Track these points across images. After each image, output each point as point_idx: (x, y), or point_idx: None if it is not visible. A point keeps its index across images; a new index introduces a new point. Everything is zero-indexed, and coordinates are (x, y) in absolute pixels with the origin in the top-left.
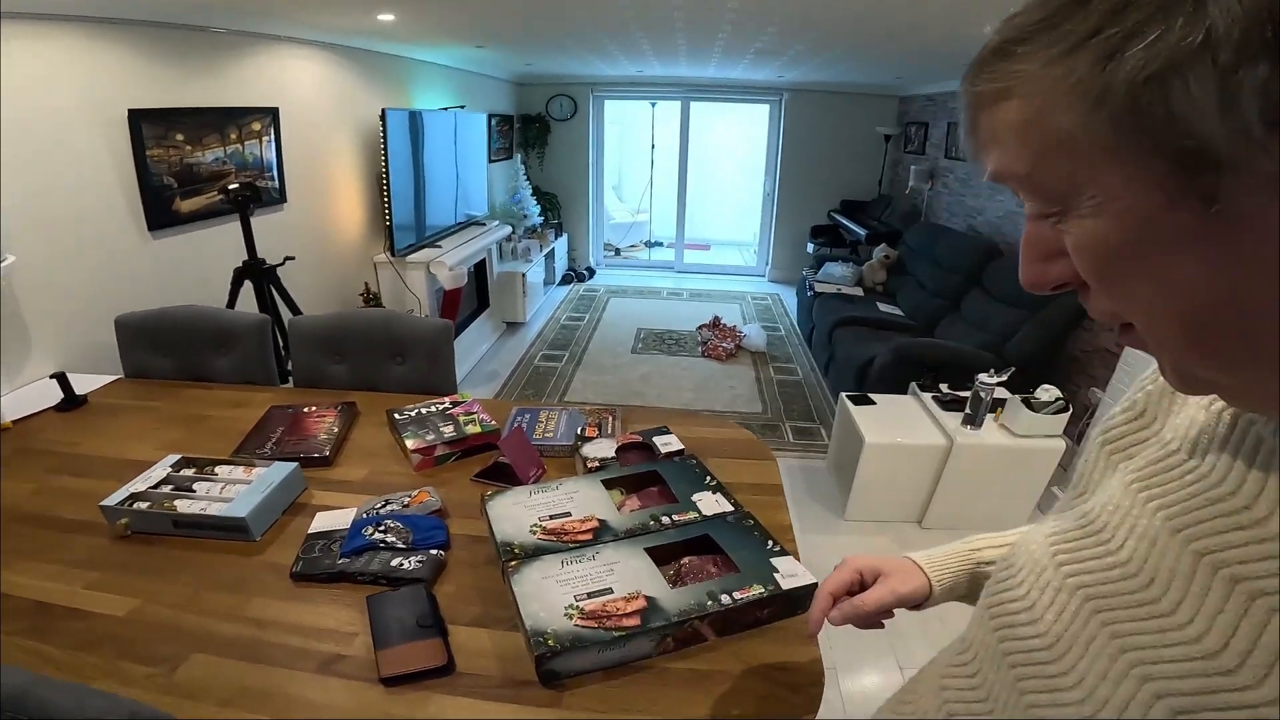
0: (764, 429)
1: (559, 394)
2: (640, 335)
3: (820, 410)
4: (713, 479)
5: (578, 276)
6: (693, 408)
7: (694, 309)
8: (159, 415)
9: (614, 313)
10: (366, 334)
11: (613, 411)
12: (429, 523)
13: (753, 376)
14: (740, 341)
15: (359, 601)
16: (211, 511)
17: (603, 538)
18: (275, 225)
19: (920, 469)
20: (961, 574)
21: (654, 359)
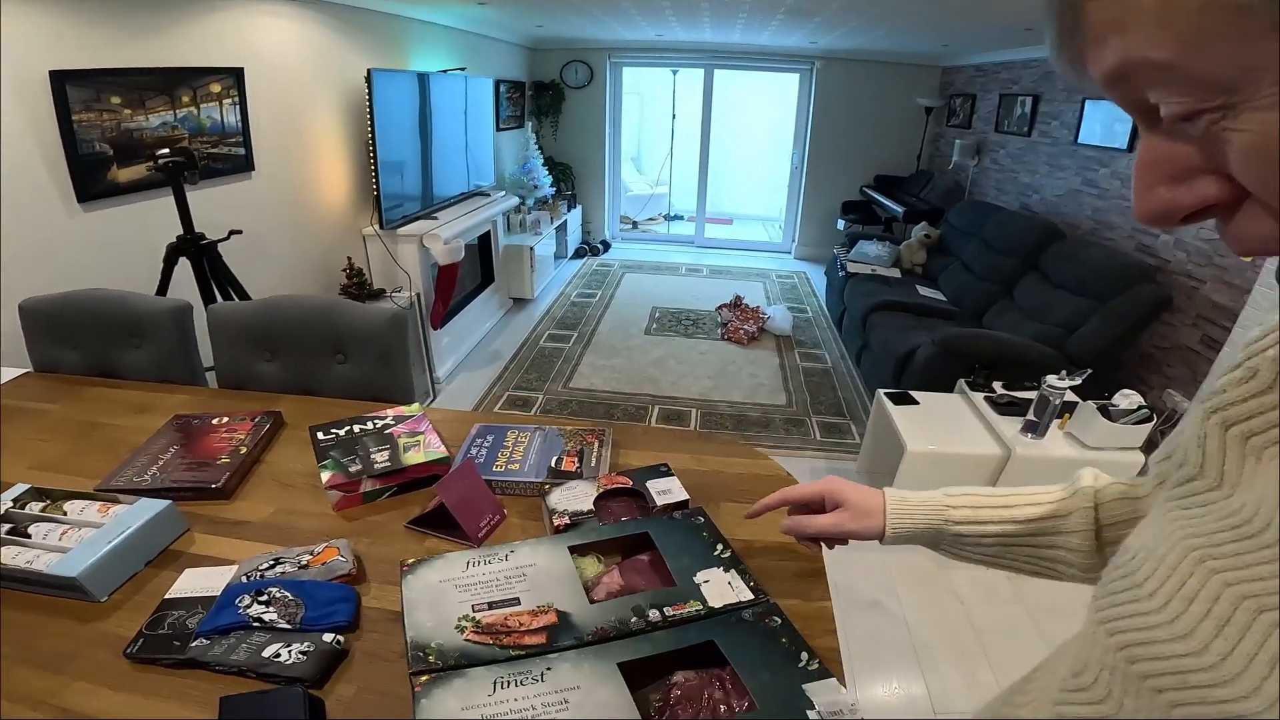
0: (788, 424)
1: (564, 379)
2: (655, 315)
3: (851, 404)
4: (725, 548)
5: (592, 250)
6: (710, 397)
7: (714, 286)
8: (49, 422)
9: (628, 290)
10: (301, 325)
11: (600, 435)
12: (330, 594)
13: (776, 363)
14: (763, 324)
15: (214, 700)
16: (38, 566)
17: (560, 641)
18: (241, 194)
19: (969, 481)
20: (925, 528)
21: (669, 341)
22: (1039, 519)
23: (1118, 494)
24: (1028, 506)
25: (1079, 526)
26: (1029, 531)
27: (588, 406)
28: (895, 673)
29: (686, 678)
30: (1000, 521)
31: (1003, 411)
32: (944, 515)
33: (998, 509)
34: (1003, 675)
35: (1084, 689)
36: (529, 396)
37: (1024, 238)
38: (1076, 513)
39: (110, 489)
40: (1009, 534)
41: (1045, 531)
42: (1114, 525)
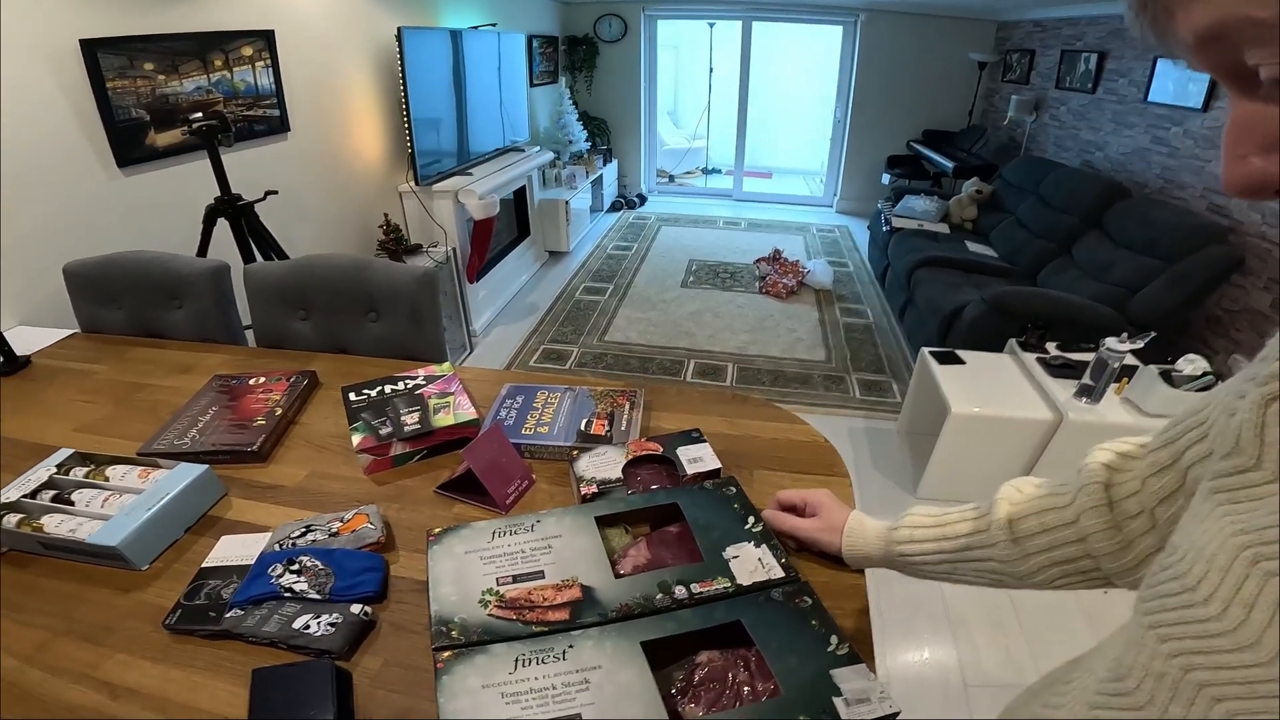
0: (827, 380)
1: (600, 332)
2: (692, 268)
3: (893, 361)
4: (757, 521)
5: (628, 204)
6: (746, 352)
7: (752, 240)
8: (94, 383)
9: (665, 242)
10: (333, 285)
11: (632, 396)
12: (359, 563)
13: (816, 318)
14: (803, 278)
15: (247, 672)
16: (81, 534)
17: (583, 618)
18: (278, 155)
19: (1017, 446)
20: (876, 552)
21: (706, 294)
22: (968, 534)
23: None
24: (958, 523)
25: (998, 539)
26: (961, 548)
27: (623, 360)
28: (927, 642)
29: (711, 658)
30: (937, 539)
31: (1056, 374)
32: (889, 539)
33: (932, 528)
34: (1038, 650)
35: (1125, 694)
36: (564, 350)
37: (1086, 195)
38: (992, 528)
39: (151, 453)
40: (946, 551)
41: (976, 545)
42: (1033, 537)
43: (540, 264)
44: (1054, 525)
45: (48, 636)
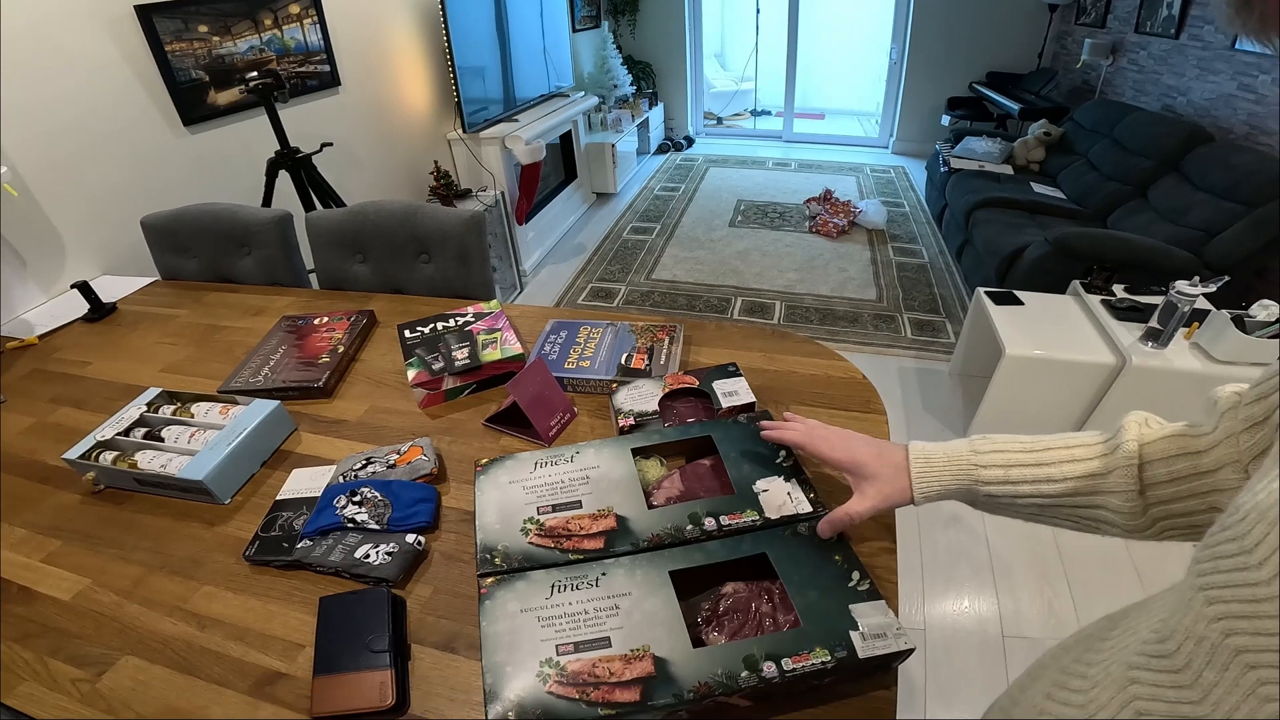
0: (877, 320)
1: (647, 270)
2: (740, 208)
3: (948, 301)
4: (788, 456)
5: (675, 146)
6: (794, 290)
7: (803, 180)
8: (176, 327)
9: (712, 183)
10: (387, 229)
11: (672, 331)
12: (413, 494)
13: (868, 257)
14: (855, 217)
15: (314, 600)
16: (171, 470)
17: (616, 546)
18: (330, 109)
19: (1075, 391)
20: (955, 488)
21: (754, 234)
22: (1077, 478)
23: (1169, 451)
24: (1065, 464)
25: (1118, 487)
26: (1067, 492)
27: (669, 298)
28: (968, 591)
29: (736, 589)
30: (1034, 481)
31: (1122, 317)
32: (973, 475)
33: (1031, 468)
34: (1083, 605)
35: (1165, 655)
36: (611, 288)
37: (1165, 139)
38: (1116, 472)
39: (230, 390)
40: (1045, 495)
41: (1084, 491)
42: (1165, 484)
43: (588, 205)
44: (1186, 474)
45: (143, 572)
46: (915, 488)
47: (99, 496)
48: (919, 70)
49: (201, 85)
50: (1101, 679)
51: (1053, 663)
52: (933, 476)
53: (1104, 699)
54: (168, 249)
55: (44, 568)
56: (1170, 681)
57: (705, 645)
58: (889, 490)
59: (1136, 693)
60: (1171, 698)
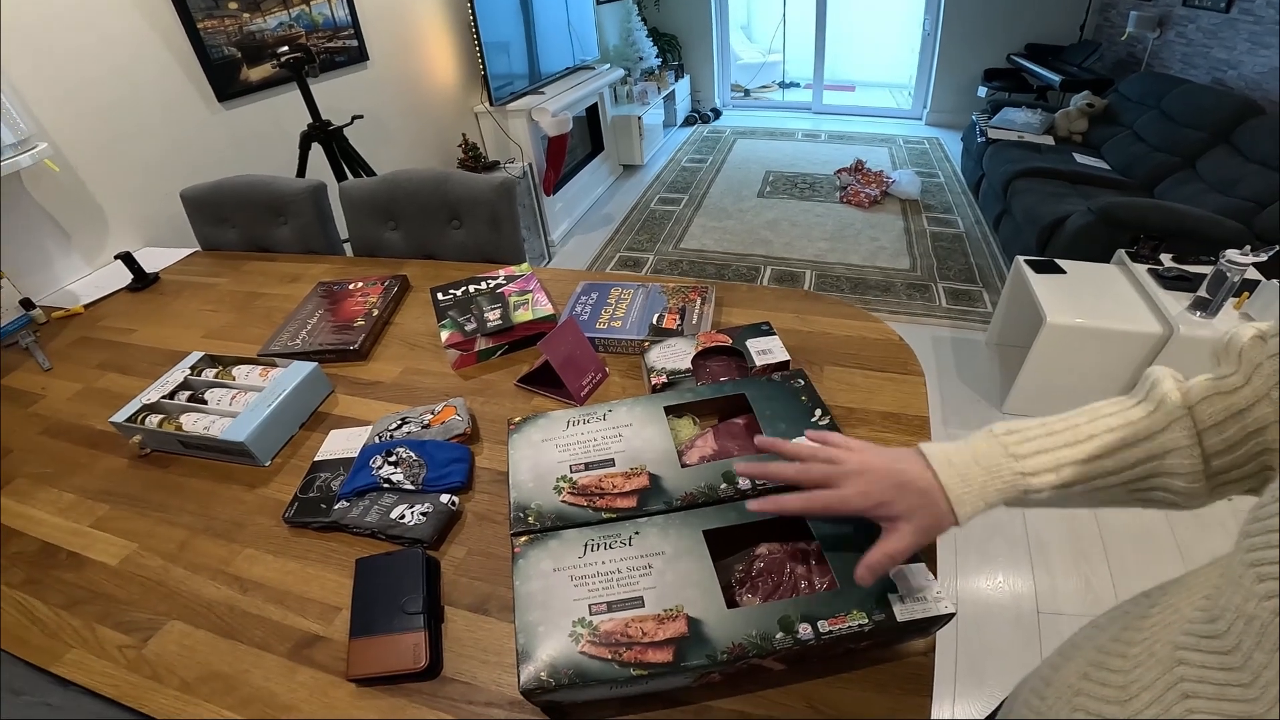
0: (910, 289)
1: (675, 240)
2: (769, 179)
3: (984, 270)
4: (824, 414)
5: (701, 118)
6: (825, 259)
7: (833, 151)
8: (216, 294)
9: (740, 155)
10: (418, 196)
11: (703, 292)
12: (447, 454)
13: (901, 227)
14: (887, 187)
15: (351, 562)
16: (214, 431)
17: (649, 505)
18: (360, 83)
19: (1119, 361)
20: (996, 501)
21: (783, 204)
22: (1124, 447)
23: (1205, 392)
24: (1106, 434)
25: (1176, 443)
26: (1124, 470)
27: (698, 267)
28: (1003, 567)
29: (771, 549)
30: (1088, 477)
31: (1169, 286)
32: (1020, 485)
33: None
34: (1122, 582)
35: (1215, 636)
36: (640, 257)
37: (1216, 111)
38: (1171, 427)
39: (269, 353)
40: (1101, 483)
41: (1139, 461)
42: (1212, 429)
43: (615, 177)
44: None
45: (188, 535)
46: (958, 511)
47: (145, 460)
48: (954, 42)
49: (234, 62)
50: (1144, 658)
51: (1087, 641)
52: (973, 494)
53: (1148, 679)
54: (207, 220)
55: (93, 533)
56: (1219, 663)
57: (739, 606)
58: (927, 523)
59: (1184, 674)
60: (1220, 679)
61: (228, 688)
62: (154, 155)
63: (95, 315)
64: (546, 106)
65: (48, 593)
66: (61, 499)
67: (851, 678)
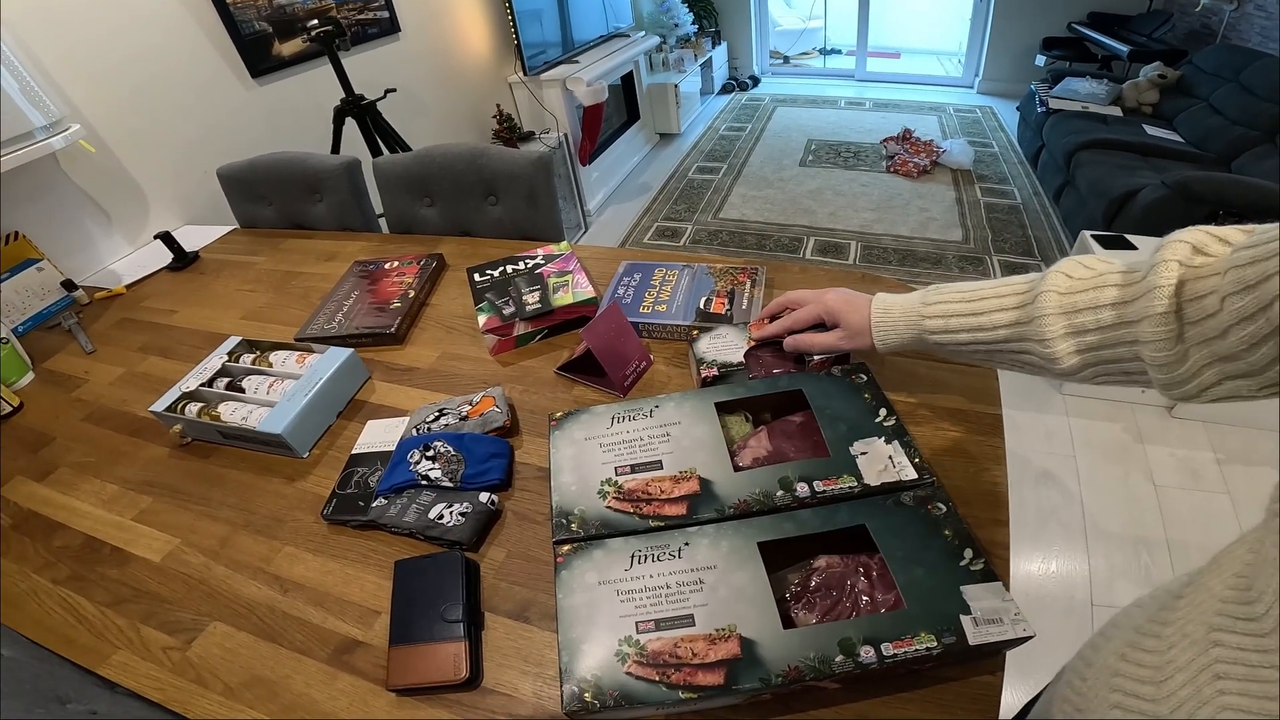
0: (963, 261)
1: (714, 210)
2: (810, 147)
3: (1043, 243)
4: (890, 414)
5: (740, 86)
6: (871, 230)
7: (878, 119)
8: (255, 274)
9: (780, 123)
10: (453, 172)
11: (752, 274)
12: (486, 448)
13: (952, 197)
14: (937, 157)
15: (390, 564)
16: (252, 422)
17: (700, 513)
18: (392, 55)
19: None
20: (909, 337)
21: (827, 173)
22: (1007, 325)
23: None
24: (995, 313)
25: (1035, 314)
26: (1000, 339)
27: (738, 237)
28: (1057, 553)
29: (830, 563)
30: (971, 330)
31: None
32: (921, 326)
33: (967, 317)
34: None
35: (1253, 619)
36: (678, 227)
37: None
38: (1035, 322)
39: (306, 338)
40: (982, 342)
41: (1014, 339)
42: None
43: (651, 146)
44: (1109, 324)
45: (229, 531)
46: (875, 335)
47: (186, 450)
48: (1009, 8)
49: (265, 37)
50: (1178, 639)
51: (1126, 621)
52: (889, 325)
53: (1182, 660)
54: (244, 198)
55: (136, 527)
56: (1255, 645)
57: (795, 624)
58: (854, 333)
59: (1219, 655)
60: (1254, 661)
61: (270, 694)
62: (190, 133)
63: (137, 296)
64: (581, 76)
65: (93, 590)
66: (104, 490)
67: (911, 698)
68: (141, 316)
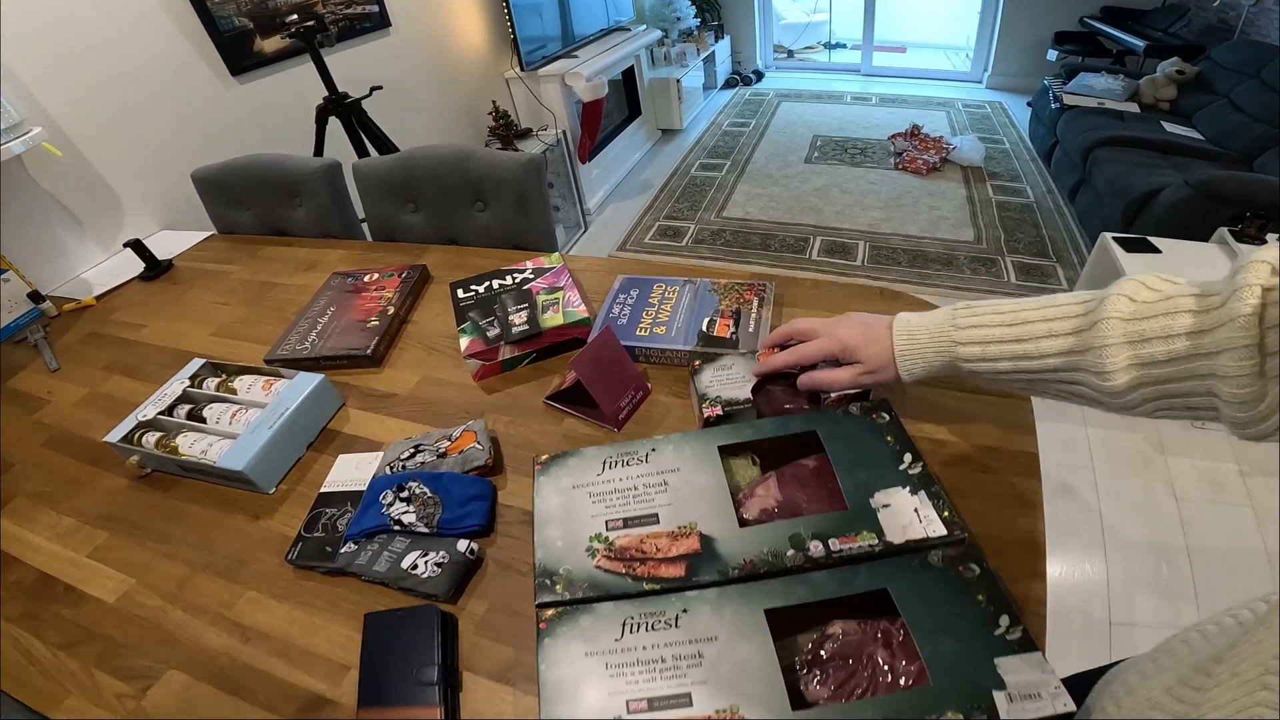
0: (975, 262)
1: (718, 208)
2: (816, 143)
3: (1058, 243)
4: (915, 460)
5: (743, 80)
6: (880, 230)
7: (885, 115)
8: (230, 284)
9: (785, 118)
10: (438, 176)
11: (760, 291)
12: (465, 489)
13: (963, 195)
14: (947, 154)
15: (361, 613)
16: (211, 457)
17: (700, 574)
18: (382, 51)
19: None
20: (939, 365)
21: (833, 170)
22: (1057, 354)
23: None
24: (1044, 339)
25: (1095, 344)
26: (1048, 368)
27: (742, 236)
28: (1075, 567)
29: (846, 630)
30: (1015, 358)
31: None
32: (953, 353)
33: (1010, 344)
34: (1205, 597)
35: None
36: (680, 226)
37: None
38: (1096, 327)
39: (276, 359)
40: (1027, 371)
41: (1065, 368)
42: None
43: (653, 142)
44: (1183, 355)
45: (188, 571)
46: (900, 366)
47: (146, 481)
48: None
49: (246, 33)
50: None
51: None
52: (915, 353)
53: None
54: (220, 202)
55: (91, 564)
56: None
57: (805, 700)
58: (876, 368)
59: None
60: None
61: None
62: (166, 133)
63: (107, 307)
64: (580, 71)
65: (46, 630)
66: (60, 523)
67: None
68: (109, 331)
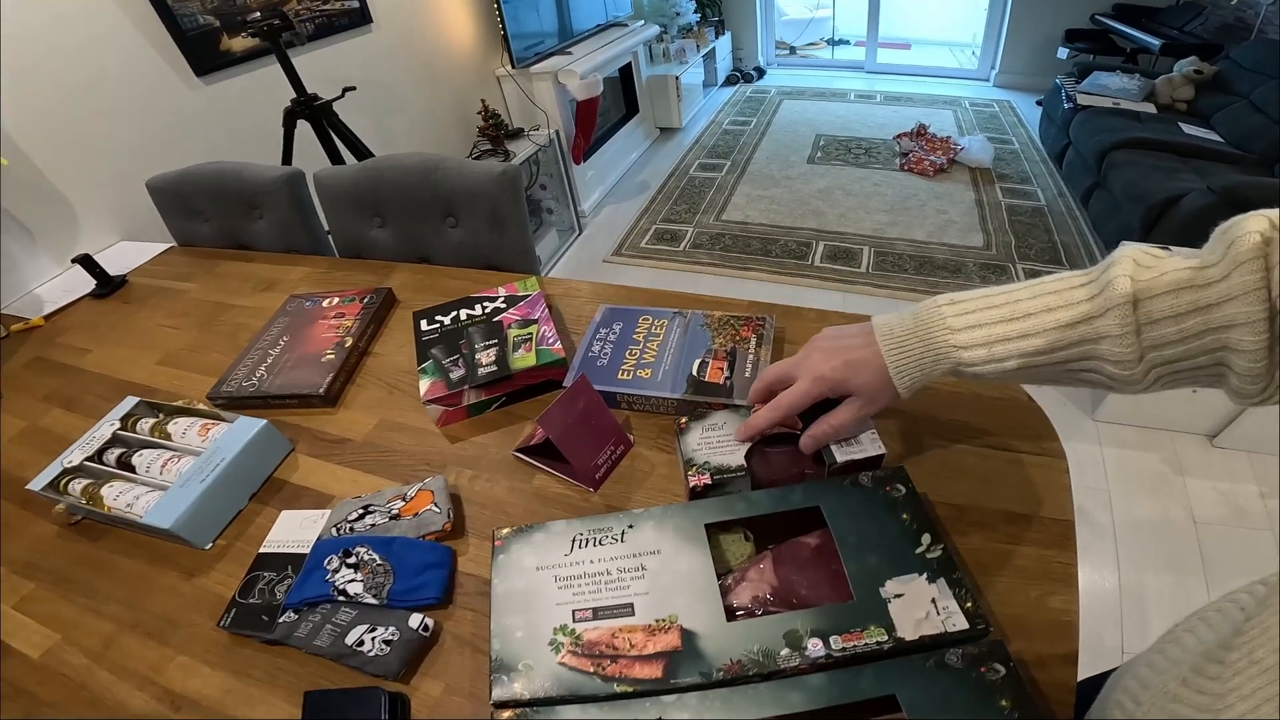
0: (984, 269)
1: (717, 210)
2: (819, 143)
3: (1071, 249)
4: (935, 542)
5: (744, 77)
6: (885, 234)
7: (890, 114)
8: (183, 304)
9: (787, 117)
10: (405, 189)
11: (758, 326)
12: (420, 557)
13: (971, 198)
14: (955, 155)
15: (302, 686)
16: (138, 510)
17: (680, 676)
18: (363, 48)
19: None
20: (937, 372)
21: (836, 171)
22: (1067, 346)
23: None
24: (1051, 332)
25: (1111, 330)
26: (1058, 361)
27: (742, 241)
28: (1085, 596)
29: None
30: (1023, 355)
31: None
32: (954, 358)
33: (1015, 341)
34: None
35: None
36: (678, 229)
37: None
38: (1107, 314)
39: (219, 397)
40: (1035, 366)
41: (1074, 343)
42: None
43: (651, 141)
44: (1194, 333)
45: (115, 630)
46: (897, 384)
47: (76, 529)
48: None
49: (211, 31)
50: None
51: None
52: (909, 364)
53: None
54: (178, 214)
55: (16, 615)
56: None
57: None
58: (873, 394)
59: None
60: None
61: None
62: (125, 139)
63: (56, 328)
64: (574, 68)
65: None
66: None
67: None
68: (54, 355)
